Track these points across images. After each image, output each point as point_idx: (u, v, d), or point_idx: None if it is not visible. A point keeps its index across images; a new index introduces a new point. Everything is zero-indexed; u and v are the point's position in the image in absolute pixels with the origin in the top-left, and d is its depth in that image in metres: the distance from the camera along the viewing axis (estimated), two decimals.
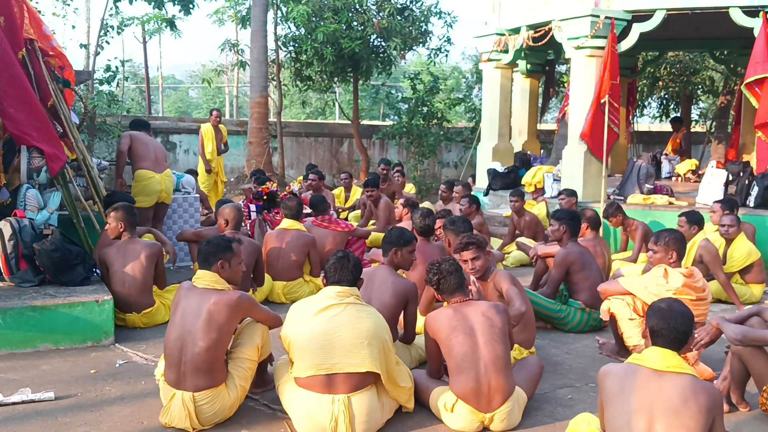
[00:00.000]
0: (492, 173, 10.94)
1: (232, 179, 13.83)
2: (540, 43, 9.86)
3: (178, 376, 3.72)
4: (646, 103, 19.89)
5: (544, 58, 12.50)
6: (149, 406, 4.00)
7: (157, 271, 5.66)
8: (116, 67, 12.74)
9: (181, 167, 13.93)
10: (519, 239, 8.34)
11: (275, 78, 14.58)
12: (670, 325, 2.81)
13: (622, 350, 4.89)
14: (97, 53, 13.49)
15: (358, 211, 10.17)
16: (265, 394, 4.17)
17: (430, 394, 3.92)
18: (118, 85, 14.51)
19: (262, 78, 13.74)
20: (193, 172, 10.47)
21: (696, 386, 2.72)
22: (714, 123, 17.88)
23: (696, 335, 4.03)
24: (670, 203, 8.91)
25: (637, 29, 8.92)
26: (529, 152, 11.80)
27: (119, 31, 13.76)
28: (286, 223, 6.72)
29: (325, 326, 3.63)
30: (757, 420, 3.96)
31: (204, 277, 3.89)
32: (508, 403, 3.70)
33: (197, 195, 8.18)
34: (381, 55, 14.56)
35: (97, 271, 5.73)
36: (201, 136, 11.30)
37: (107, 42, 13.43)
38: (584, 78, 9.19)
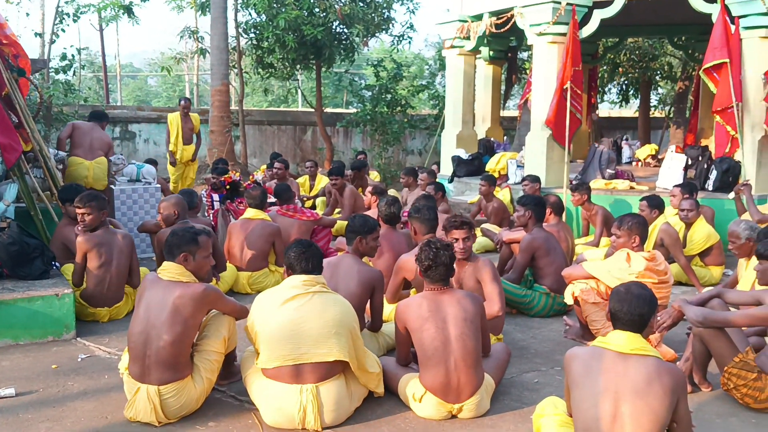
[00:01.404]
0: (456, 160, 10.97)
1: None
2: (502, 30, 9.88)
3: (143, 370, 3.67)
4: (606, 89, 20.13)
5: (506, 45, 12.55)
6: (113, 400, 3.94)
7: (132, 263, 5.58)
8: (72, 55, 12.40)
9: (141, 157, 13.68)
10: (484, 225, 8.39)
11: (236, 65, 14.38)
12: (624, 308, 2.86)
13: (587, 334, 4.96)
14: (52, 41, 13.15)
15: (324, 198, 10.12)
16: (232, 386, 4.13)
17: (399, 382, 3.92)
18: (74, 74, 14.15)
19: (222, 65, 13.53)
20: (153, 162, 10.28)
21: (660, 368, 2.76)
22: (672, 108, 18.18)
23: (659, 318, 4.10)
24: (631, 188, 9.04)
25: (598, 15, 9.00)
26: (492, 139, 11.86)
27: (75, 18, 13.38)
28: (250, 212, 6.65)
29: (292, 316, 3.61)
30: (719, 400, 4.05)
31: (169, 269, 3.83)
32: (476, 395, 3.72)
33: (158, 185, 8.05)
34: (344, 42, 14.45)
35: (56, 264, 5.60)
36: (167, 124, 10.95)
37: (63, 30, 13.04)
38: (546, 64, 9.25)
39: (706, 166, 8.81)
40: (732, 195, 8.08)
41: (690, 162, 9.01)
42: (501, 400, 3.97)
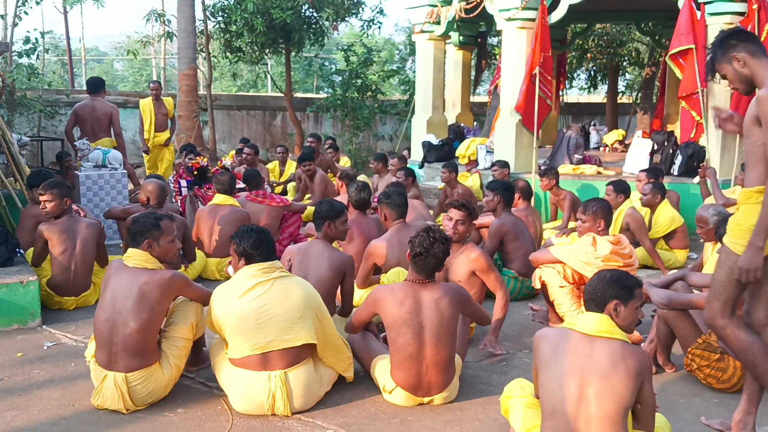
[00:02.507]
0: (427, 146, 10.98)
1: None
2: (472, 15, 9.88)
3: (110, 357, 3.63)
4: (574, 75, 20.26)
5: (476, 30, 12.56)
6: (80, 388, 3.90)
7: (99, 250, 5.51)
8: (36, 38, 12.11)
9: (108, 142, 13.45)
10: (448, 201, 8.41)
11: (204, 49, 14.20)
12: (589, 287, 2.92)
13: (554, 317, 5.02)
14: (15, 24, 12.83)
15: (294, 183, 10.07)
16: (200, 372, 4.12)
17: (371, 364, 3.95)
18: (38, 58, 13.85)
19: (190, 49, 13.36)
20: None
21: (625, 351, 2.80)
22: (639, 94, 18.36)
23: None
24: (599, 173, 9.13)
25: (566, 1, 9.02)
26: (462, 124, 11.88)
27: (38, 1, 13.10)
28: (219, 198, 6.60)
29: (255, 305, 3.58)
30: (682, 380, 4.14)
31: (135, 256, 3.79)
32: (446, 390, 3.76)
33: (125, 171, 7.94)
34: (313, 26, 14.34)
35: (21, 251, 5.51)
36: (140, 111, 10.57)
37: (26, 12, 12.73)
38: (516, 50, 9.27)
39: (671, 151, 8.92)
40: (697, 179, 8.21)
41: (656, 147, 9.11)
42: (470, 383, 4.01)
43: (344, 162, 10.96)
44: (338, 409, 3.73)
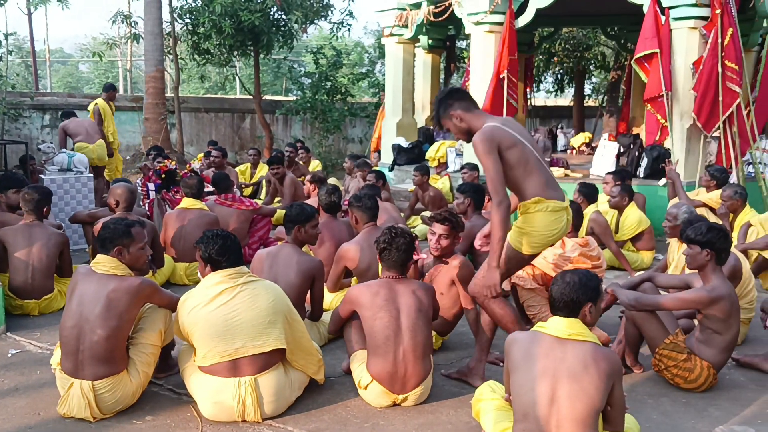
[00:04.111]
0: (397, 148, 11.00)
1: (128, 157, 13.28)
2: (440, 19, 9.93)
3: (76, 365, 3.57)
4: (541, 78, 20.47)
5: (444, 34, 12.61)
6: (46, 396, 3.82)
7: (63, 261, 5.43)
8: None
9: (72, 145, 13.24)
10: (424, 213, 8.44)
11: (171, 51, 14.06)
12: (557, 291, 2.93)
13: (524, 319, 5.05)
14: None
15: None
16: (169, 379, 4.06)
17: (352, 356, 3.98)
18: (1, 60, 13.60)
19: (157, 51, 13.21)
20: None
21: (597, 353, 2.83)
22: (605, 97, 18.61)
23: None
24: (566, 175, 9.23)
25: (534, 5, 9.11)
26: (432, 127, 11.91)
27: (2, 2, 12.84)
28: (187, 202, 6.52)
29: (222, 312, 3.54)
30: (650, 380, 4.19)
31: (103, 262, 3.72)
32: (421, 386, 3.76)
33: (90, 174, 7.82)
34: (282, 28, 14.28)
35: None
36: (99, 113, 10.15)
37: None
38: (484, 53, 9.33)
39: (637, 153, 9.05)
40: (663, 181, 8.36)
41: (622, 150, 9.24)
42: (441, 386, 4.02)
43: (315, 165, 10.91)
44: (309, 414, 3.70)
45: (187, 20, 13.88)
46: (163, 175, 7.90)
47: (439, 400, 3.86)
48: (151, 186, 7.84)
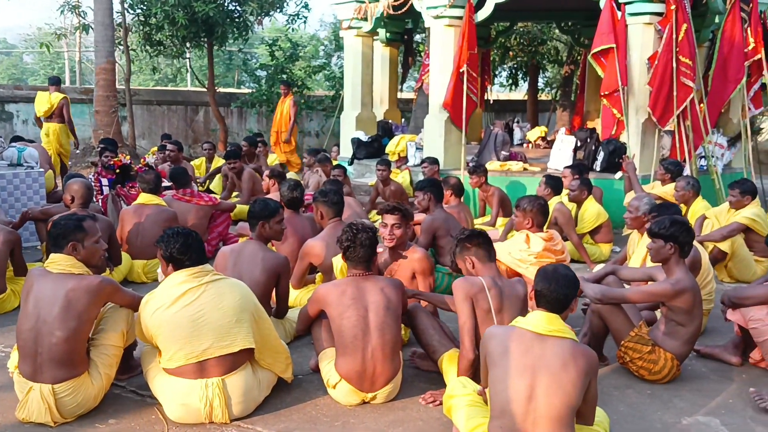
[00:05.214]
0: (356, 142, 10.94)
1: (78, 151, 12.92)
2: (399, 12, 9.89)
3: (35, 368, 3.43)
4: (496, 73, 20.59)
5: (402, 27, 12.56)
6: (3, 401, 3.68)
7: (15, 259, 5.20)
8: None
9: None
10: (379, 207, 8.41)
11: (122, 42, 13.72)
12: (553, 287, 2.90)
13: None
14: None
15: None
16: (132, 381, 3.95)
17: (320, 354, 3.92)
18: None
19: (107, 42, 12.89)
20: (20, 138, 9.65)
21: (575, 350, 2.83)
22: (559, 91, 18.83)
23: None
24: (525, 169, 9.30)
25: (493, 0, 9.14)
26: (390, 121, 11.89)
27: None
28: (144, 197, 6.35)
29: (188, 312, 3.44)
30: (615, 373, 4.24)
31: (58, 261, 3.58)
32: (390, 384, 3.73)
33: (41, 169, 7.57)
34: (236, 20, 14.06)
35: None
36: (68, 104, 10.53)
37: None
38: (443, 47, 9.32)
39: (594, 147, 9.16)
40: (619, 175, 8.50)
41: (579, 144, 9.35)
42: (412, 382, 3.99)
43: (272, 159, 10.78)
44: (278, 414, 3.64)
45: (139, 10, 13.56)
46: (117, 170, 7.70)
47: (409, 397, 3.83)
48: (105, 181, 7.63)
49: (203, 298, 3.48)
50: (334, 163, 9.53)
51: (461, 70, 8.92)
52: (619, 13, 8.45)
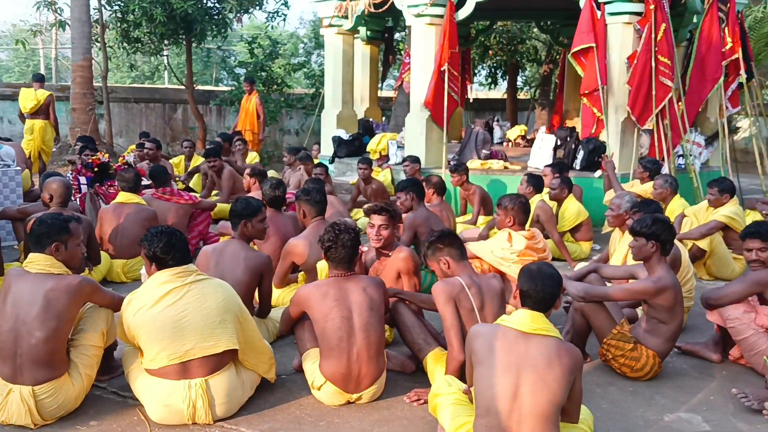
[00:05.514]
0: (337, 141, 10.90)
1: (55, 149, 12.74)
2: (380, 10, 9.86)
3: (14, 370, 3.38)
4: (476, 71, 20.63)
5: (383, 25, 12.55)
6: None
7: None
8: None
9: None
10: (366, 206, 8.38)
11: (99, 39, 13.56)
12: (539, 287, 2.91)
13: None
14: None
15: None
16: (113, 382, 3.90)
17: (304, 354, 3.90)
18: None
19: (84, 39, 12.73)
20: (8, 140, 9.51)
21: (560, 349, 2.84)
22: (538, 90, 18.93)
23: None
24: (506, 167, 9.33)
25: None
26: (371, 119, 11.86)
27: None
28: (123, 196, 6.28)
29: (170, 313, 3.40)
30: (597, 370, 4.27)
31: (37, 261, 3.52)
32: (375, 384, 3.72)
33: (18, 168, 7.45)
34: (216, 17, 13.96)
35: None
36: (54, 101, 10.79)
37: None
38: (424, 46, 9.32)
39: (573, 146, 9.21)
40: (599, 173, 8.56)
41: (559, 142, 9.40)
42: (396, 381, 3.98)
43: (252, 158, 10.70)
44: (262, 414, 3.62)
45: (116, 7, 13.41)
46: (96, 169, 7.60)
47: (393, 396, 3.82)
48: (83, 180, 7.52)
49: (186, 298, 3.45)
50: (315, 161, 9.48)
51: (442, 69, 8.93)
52: (599, 13, 8.51)
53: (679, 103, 8.86)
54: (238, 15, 14.08)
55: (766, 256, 4.23)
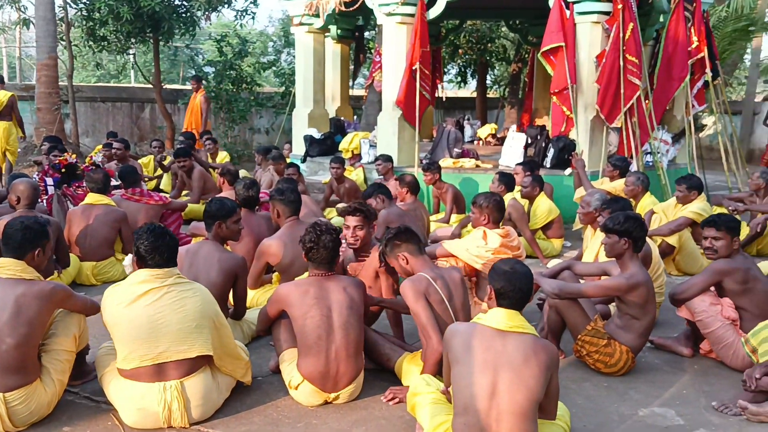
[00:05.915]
0: (309, 140, 10.86)
1: (20, 150, 12.50)
2: (351, 9, 9.84)
3: None
4: (445, 70, 20.70)
5: (354, 24, 12.53)
6: None
7: None
8: None
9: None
10: (339, 206, 8.37)
11: (65, 38, 13.32)
12: (516, 287, 2.92)
13: None
14: None
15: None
16: (85, 386, 3.85)
17: (281, 355, 3.88)
18: None
19: (49, 38, 12.50)
20: None
21: (536, 345, 2.87)
22: (507, 89, 19.05)
23: None
24: (477, 166, 9.38)
25: None
26: (343, 118, 11.84)
27: None
28: (92, 197, 6.18)
29: (147, 313, 3.36)
30: (572, 366, 4.31)
31: (7, 266, 3.44)
32: (353, 384, 3.71)
33: None
34: (184, 15, 13.80)
35: None
36: (16, 101, 10.57)
37: None
38: (396, 45, 9.32)
39: (544, 144, 9.29)
40: (569, 171, 8.64)
41: (529, 141, 9.47)
42: (374, 381, 3.97)
43: (222, 157, 10.61)
44: (239, 416, 3.59)
45: (82, 5, 13.19)
46: (63, 169, 7.46)
47: (371, 396, 3.82)
48: (50, 181, 7.38)
49: (164, 300, 3.41)
50: (288, 161, 9.43)
51: (414, 68, 8.94)
52: (568, 12, 8.58)
53: (647, 102, 8.99)
54: (207, 13, 13.94)
55: (719, 245, 4.32)
